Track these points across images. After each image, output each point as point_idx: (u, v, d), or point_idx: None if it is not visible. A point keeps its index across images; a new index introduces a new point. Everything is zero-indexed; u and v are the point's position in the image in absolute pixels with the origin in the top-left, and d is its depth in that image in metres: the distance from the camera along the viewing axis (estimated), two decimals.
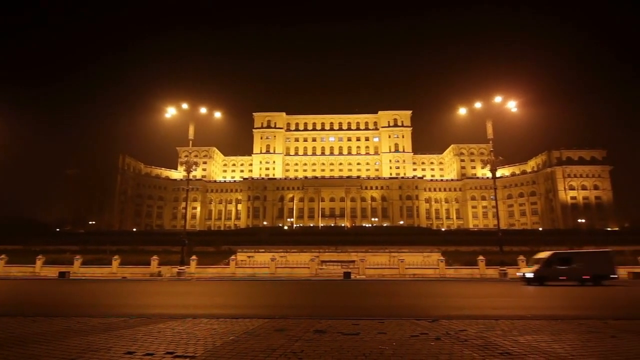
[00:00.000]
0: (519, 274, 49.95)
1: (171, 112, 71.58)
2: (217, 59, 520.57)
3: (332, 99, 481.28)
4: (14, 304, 24.82)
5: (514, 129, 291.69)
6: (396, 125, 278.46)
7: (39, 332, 12.13)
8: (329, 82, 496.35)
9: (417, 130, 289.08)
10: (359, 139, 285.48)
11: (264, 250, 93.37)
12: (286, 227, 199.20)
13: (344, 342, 10.58)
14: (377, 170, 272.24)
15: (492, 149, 70.01)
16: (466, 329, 12.67)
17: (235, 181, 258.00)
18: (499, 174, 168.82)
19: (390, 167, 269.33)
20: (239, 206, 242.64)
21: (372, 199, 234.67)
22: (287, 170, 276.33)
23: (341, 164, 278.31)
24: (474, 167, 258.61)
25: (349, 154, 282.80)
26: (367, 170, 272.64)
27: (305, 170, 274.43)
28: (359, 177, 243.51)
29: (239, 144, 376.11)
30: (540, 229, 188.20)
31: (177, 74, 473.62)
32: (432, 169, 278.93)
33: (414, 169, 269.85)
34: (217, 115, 78.80)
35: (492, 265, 67.27)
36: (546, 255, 47.89)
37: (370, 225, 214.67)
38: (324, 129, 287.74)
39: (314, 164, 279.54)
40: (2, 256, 72.95)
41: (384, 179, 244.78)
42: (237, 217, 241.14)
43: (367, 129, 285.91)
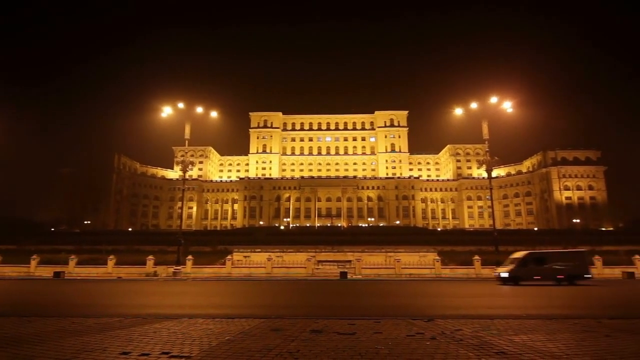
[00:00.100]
0: (495, 274, 49.41)
1: (167, 112, 71.42)
2: (214, 58, 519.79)
3: (329, 98, 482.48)
4: (8, 304, 24.65)
5: (510, 130, 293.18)
6: (392, 125, 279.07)
7: (34, 332, 12.05)
8: (326, 82, 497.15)
9: (413, 130, 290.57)
10: (355, 139, 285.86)
11: (260, 250, 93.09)
12: (282, 227, 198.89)
13: (340, 341, 10.59)
14: (373, 170, 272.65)
15: (488, 149, 70.34)
16: (462, 328, 12.72)
17: (231, 181, 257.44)
18: (494, 174, 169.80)
19: (386, 167, 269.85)
20: (236, 206, 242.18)
21: (369, 199, 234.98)
22: (284, 170, 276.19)
23: (338, 164, 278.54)
24: (470, 167, 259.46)
25: (346, 153, 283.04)
26: (364, 170, 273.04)
27: (301, 170, 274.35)
28: (355, 177, 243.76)
29: (235, 143, 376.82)
30: (535, 229, 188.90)
31: (173, 73, 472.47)
32: (428, 169, 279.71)
33: (410, 169, 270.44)
34: (214, 114, 78.80)
35: (488, 265, 67.45)
36: (521, 255, 47.83)
37: (366, 225, 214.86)
38: (320, 129, 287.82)
39: (311, 164, 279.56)
40: None
41: (381, 179, 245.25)
42: (234, 217, 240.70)
43: (363, 129, 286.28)
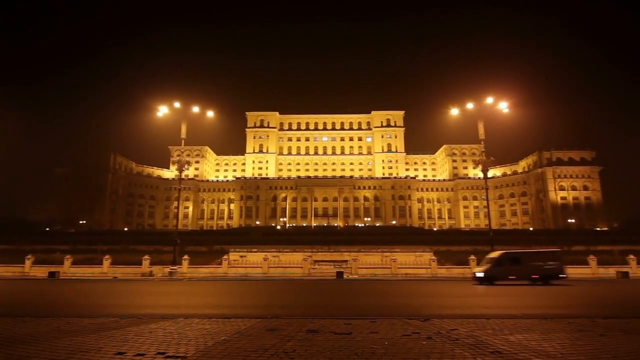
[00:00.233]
0: (473, 274, 49.86)
1: (163, 111, 71.02)
2: (210, 57, 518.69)
3: (326, 98, 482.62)
4: (2, 304, 24.48)
5: (506, 130, 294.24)
6: (389, 125, 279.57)
7: (28, 332, 11.98)
8: (323, 81, 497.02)
9: (409, 130, 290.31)
10: (352, 139, 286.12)
11: (256, 250, 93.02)
12: (279, 227, 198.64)
13: (336, 341, 10.59)
14: (370, 170, 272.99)
15: (484, 150, 70.47)
16: (457, 328, 12.76)
17: (227, 181, 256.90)
18: (490, 174, 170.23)
19: (383, 167, 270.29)
20: (232, 206, 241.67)
21: (365, 199, 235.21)
22: (280, 169, 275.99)
23: (334, 164, 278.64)
24: (466, 168, 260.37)
25: (342, 153, 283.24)
26: (360, 170, 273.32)
27: (298, 170, 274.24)
28: (352, 177, 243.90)
29: (231, 143, 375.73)
30: (531, 229, 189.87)
31: (170, 72, 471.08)
32: (425, 169, 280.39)
33: (407, 169, 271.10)
34: (210, 114, 78.41)
35: None
36: (496, 255, 48.13)
37: (363, 225, 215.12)
38: (317, 129, 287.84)
39: (307, 164, 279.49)
40: None
41: (377, 178, 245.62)
42: (230, 217, 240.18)
43: (360, 129, 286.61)
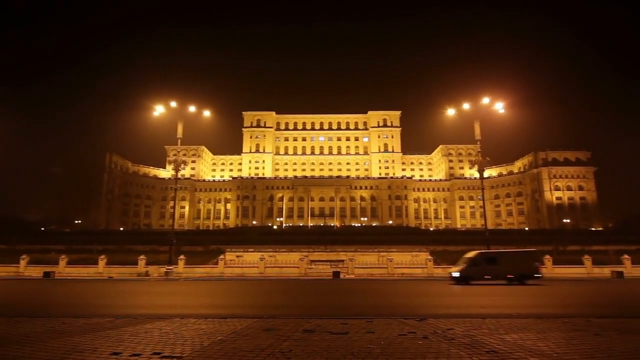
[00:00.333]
0: (449, 274, 50.11)
1: (160, 111, 70.93)
2: (207, 57, 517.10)
3: (322, 98, 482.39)
4: None
5: (501, 130, 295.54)
6: (385, 125, 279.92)
7: (22, 333, 11.90)
8: (320, 81, 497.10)
9: (406, 130, 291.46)
10: (348, 139, 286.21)
11: (253, 249, 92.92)
12: (275, 227, 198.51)
13: (332, 341, 10.59)
14: (366, 170, 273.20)
15: (480, 150, 70.76)
16: (453, 327, 12.78)
17: (224, 180, 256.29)
18: (486, 174, 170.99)
19: (379, 167, 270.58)
20: (228, 205, 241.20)
21: (362, 199, 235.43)
22: (277, 169, 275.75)
23: (331, 164, 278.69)
24: (462, 168, 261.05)
25: (339, 153, 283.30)
26: (357, 170, 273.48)
27: (295, 169, 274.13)
28: (348, 177, 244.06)
29: (228, 143, 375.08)
30: (526, 229, 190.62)
31: (166, 72, 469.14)
32: (421, 169, 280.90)
33: (403, 169, 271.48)
34: (206, 114, 78.50)
35: None
36: (473, 255, 48.31)
37: (359, 224, 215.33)
38: (313, 129, 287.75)
39: (304, 164, 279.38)
40: None
41: (373, 178, 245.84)
42: (226, 217, 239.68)
43: (356, 129, 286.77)
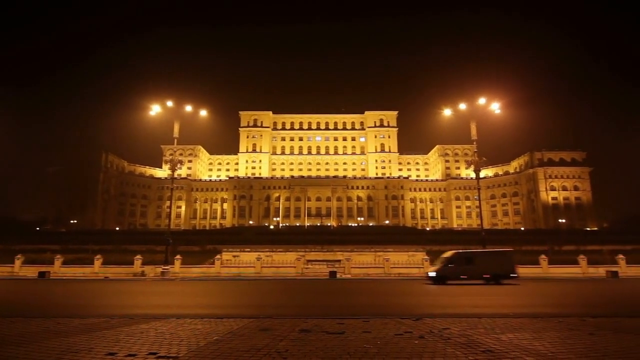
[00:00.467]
0: (426, 274, 49.86)
1: (156, 110, 70.43)
2: (204, 56, 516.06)
3: (319, 98, 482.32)
4: None
5: (498, 131, 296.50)
6: (382, 125, 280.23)
7: (17, 333, 11.84)
8: (316, 81, 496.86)
9: (403, 130, 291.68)
10: (345, 139, 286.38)
11: (249, 249, 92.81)
12: (272, 227, 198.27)
13: (329, 341, 10.60)
14: (363, 170, 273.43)
15: (476, 150, 70.86)
16: (449, 327, 12.82)
17: (221, 180, 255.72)
18: (482, 174, 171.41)
19: (376, 167, 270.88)
20: (225, 205, 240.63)
21: (358, 199, 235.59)
22: (274, 169, 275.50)
23: (328, 164, 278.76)
24: (459, 168, 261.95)
25: (336, 153, 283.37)
26: (354, 170, 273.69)
27: (291, 169, 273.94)
28: (345, 177, 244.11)
29: (225, 142, 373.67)
30: (522, 229, 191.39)
31: (163, 71, 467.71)
32: (418, 169, 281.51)
33: (400, 169, 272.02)
34: (203, 113, 77.92)
35: None
36: (449, 254, 48.43)
37: (356, 224, 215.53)
38: (310, 129, 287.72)
39: (301, 164, 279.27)
40: None
41: (370, 178, 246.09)
42: (223, 217, 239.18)
43: (353, 128, 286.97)
